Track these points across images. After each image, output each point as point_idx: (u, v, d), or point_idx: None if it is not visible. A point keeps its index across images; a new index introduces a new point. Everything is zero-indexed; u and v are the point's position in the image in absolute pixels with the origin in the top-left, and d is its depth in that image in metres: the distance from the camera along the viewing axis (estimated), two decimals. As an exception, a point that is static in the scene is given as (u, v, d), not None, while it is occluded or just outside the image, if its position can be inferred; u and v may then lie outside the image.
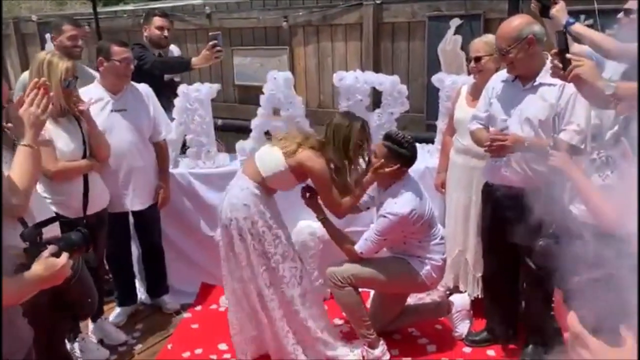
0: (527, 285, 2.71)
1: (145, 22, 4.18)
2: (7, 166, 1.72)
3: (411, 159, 2.88)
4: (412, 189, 2.86)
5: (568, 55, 2.04)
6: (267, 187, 2.83)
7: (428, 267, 2.90)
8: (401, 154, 2.82)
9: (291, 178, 2.82)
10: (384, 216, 2.81)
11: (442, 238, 3.01)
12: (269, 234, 2.80)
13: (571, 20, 2.71)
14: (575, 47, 2.77)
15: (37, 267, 1.54)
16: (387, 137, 2.88)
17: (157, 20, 4.06)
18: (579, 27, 2.70)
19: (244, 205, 2.75)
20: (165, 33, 4.08)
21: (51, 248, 1.59)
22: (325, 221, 3.01)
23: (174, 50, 5.09)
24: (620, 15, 2.81)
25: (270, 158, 2.81)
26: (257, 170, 2.82)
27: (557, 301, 2.06)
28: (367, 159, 2.93)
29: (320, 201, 2.95)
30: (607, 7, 3.42)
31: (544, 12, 2.78)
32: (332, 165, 2.80)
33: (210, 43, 3.68)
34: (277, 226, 2.84)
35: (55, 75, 2.61)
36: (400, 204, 2.80)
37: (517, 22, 2.54)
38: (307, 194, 2.98)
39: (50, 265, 1.56)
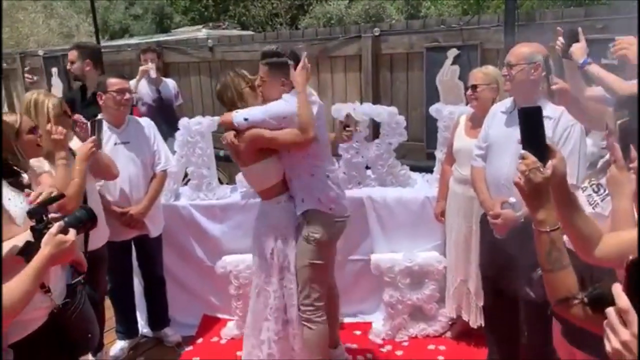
0: (527, 316, 2.69)
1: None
2: None
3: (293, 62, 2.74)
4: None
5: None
6: (268, 192, 2.86)
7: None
8: (281, 62, 2.71)
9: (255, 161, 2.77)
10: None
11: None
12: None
13: (588, 60, 2.73)
14: (589, 90, 2.81)
15: (46, 246, 1.55)
16: (264, 55, 2.76)
17: (70, 55, 4.13)
18: (594, 68, 2.71)
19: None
20: (70, 66, 4.14)
21: (58, 224, 1.60)
22: None
23: (170, 83, 5.31)
24: (611, 44, 2.84)
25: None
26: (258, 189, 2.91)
27: (555, 333, 2.06)
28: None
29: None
30: (601, 37, 3.48)
31: (565, 52, 2.75)
32: None
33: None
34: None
35: (43, 113, 2.66)
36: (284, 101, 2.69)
37: (535, 47, 2.61)
38: None
39: (59, 242, 1.57)
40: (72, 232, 1.62)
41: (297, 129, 2.65)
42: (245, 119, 2.67)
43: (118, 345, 3.54)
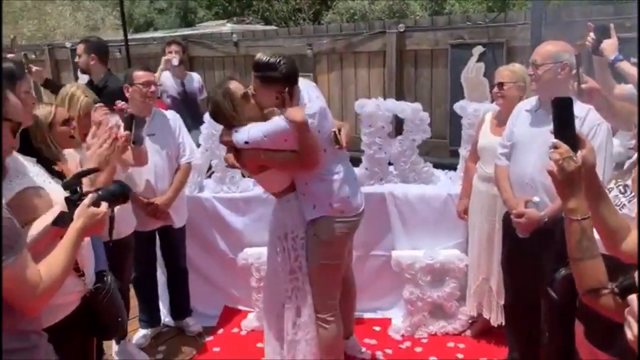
0: (548, 316, 2.67)
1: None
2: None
3: (287, 77, 2.55)
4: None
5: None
6: (278, 192, 2.82)
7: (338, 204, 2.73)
8: (274, 77, 2.54)
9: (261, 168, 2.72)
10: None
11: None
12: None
13: (619, 56, 2.69)
14: (617, 88, 2.78)
15: (79, 218, 1.63)
16: (255, 67, 2.58)
17: (78, 48, 4.25)
18: (625, 65, 2.67)
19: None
20: (78, 59, 4.26)
21: (91, 196, 1.67)
22: None
23: (194, 77, 5.42)
24: None
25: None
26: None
27: (577, 334, 2.05)
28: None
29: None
30: (630, 35, 3.43)
31: (595, 49, 2.70)
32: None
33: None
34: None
35: (75, 108, 2.72)
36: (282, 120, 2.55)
37: (561, 46, 2.58)
38: None
39: (92, 214, 1.65)
40: (104, 205, 1.69)
41: (299, 162, 2.59)
42: (246, 142, 2.58)
43: (140, 333, 3.60)
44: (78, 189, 1.70)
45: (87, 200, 1.66)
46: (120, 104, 3.00)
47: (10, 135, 1.59)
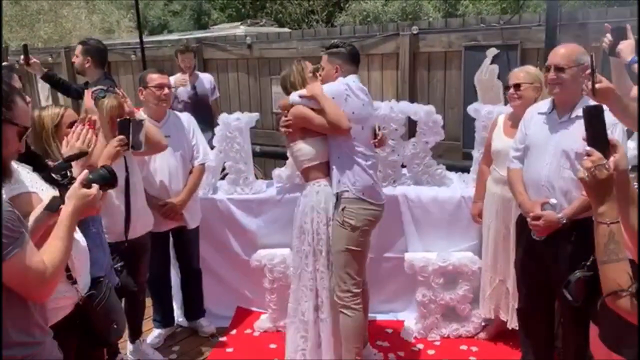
0: (563, 319, 2.66)
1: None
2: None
3: (350, 54, 3.02)
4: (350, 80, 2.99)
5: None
6: (309, 172, 3.04)
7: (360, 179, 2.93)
8: (339, 52, 3.00)
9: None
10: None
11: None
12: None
13: (636, 58, 2.66)
14: (634, 89, 2.75)
15: (71, 200, 1.67)
16: (327, 47, 3.10)
17: (76, 49, 4.25)
18: None
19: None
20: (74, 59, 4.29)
21: (82, 175, 1.72)
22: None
23: (205, 78, 5.44)
24: None
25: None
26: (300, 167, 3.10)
27: (593, 336, 2.04)
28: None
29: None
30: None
31: (612, 50, 2.65)
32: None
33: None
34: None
35: (102, 111, 2.76)
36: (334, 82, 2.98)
37: (578, 49, 2.60)
38: None
39: (83, 195, 1.69)
40: (94, 187, 1.73)
41: (329, 126, 2.87)
42: (300, 96, 2.95)
43: (155, 333, 3.64)
44: (67, 172, 1.75)
45: (77, 182, 1.70)
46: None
47: (17, 139, 1.61)
